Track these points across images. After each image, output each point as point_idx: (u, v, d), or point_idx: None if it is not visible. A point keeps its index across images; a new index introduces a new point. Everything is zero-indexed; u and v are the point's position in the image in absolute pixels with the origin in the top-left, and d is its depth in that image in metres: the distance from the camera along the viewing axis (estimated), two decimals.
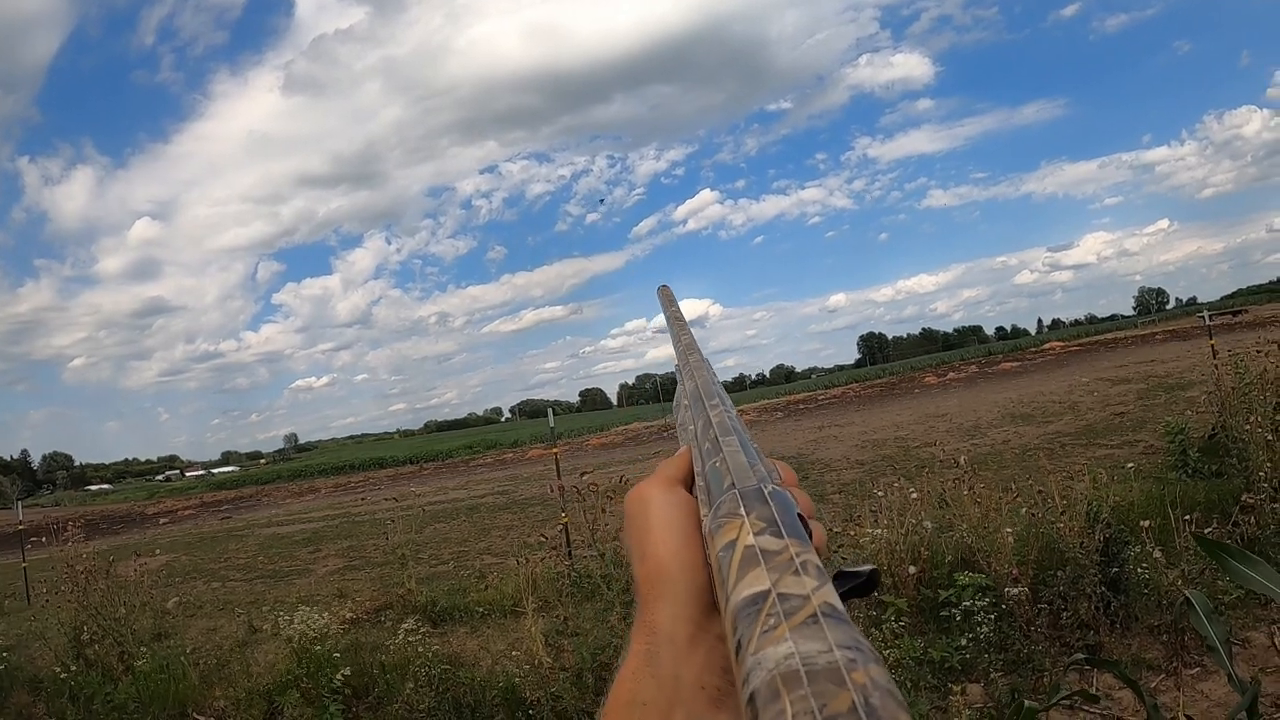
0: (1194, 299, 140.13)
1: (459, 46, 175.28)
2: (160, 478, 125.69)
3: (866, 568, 0.59)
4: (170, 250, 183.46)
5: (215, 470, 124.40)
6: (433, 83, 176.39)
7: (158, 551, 14.52)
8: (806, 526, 0.53)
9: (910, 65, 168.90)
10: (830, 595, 0.45)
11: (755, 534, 0.51)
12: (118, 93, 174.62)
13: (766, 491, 0.55)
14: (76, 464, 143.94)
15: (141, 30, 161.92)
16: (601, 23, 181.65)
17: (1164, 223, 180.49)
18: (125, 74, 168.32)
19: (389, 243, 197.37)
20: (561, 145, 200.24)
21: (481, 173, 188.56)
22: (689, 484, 0.71)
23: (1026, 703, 2.75)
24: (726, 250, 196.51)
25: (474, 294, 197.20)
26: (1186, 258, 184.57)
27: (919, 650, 5.75)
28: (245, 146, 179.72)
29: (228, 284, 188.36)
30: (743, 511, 0.54)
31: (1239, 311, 51.86)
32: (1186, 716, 2.58)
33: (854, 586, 0.59)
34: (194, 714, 7.23)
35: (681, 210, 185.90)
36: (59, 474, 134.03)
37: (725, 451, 0.64)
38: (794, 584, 0.46)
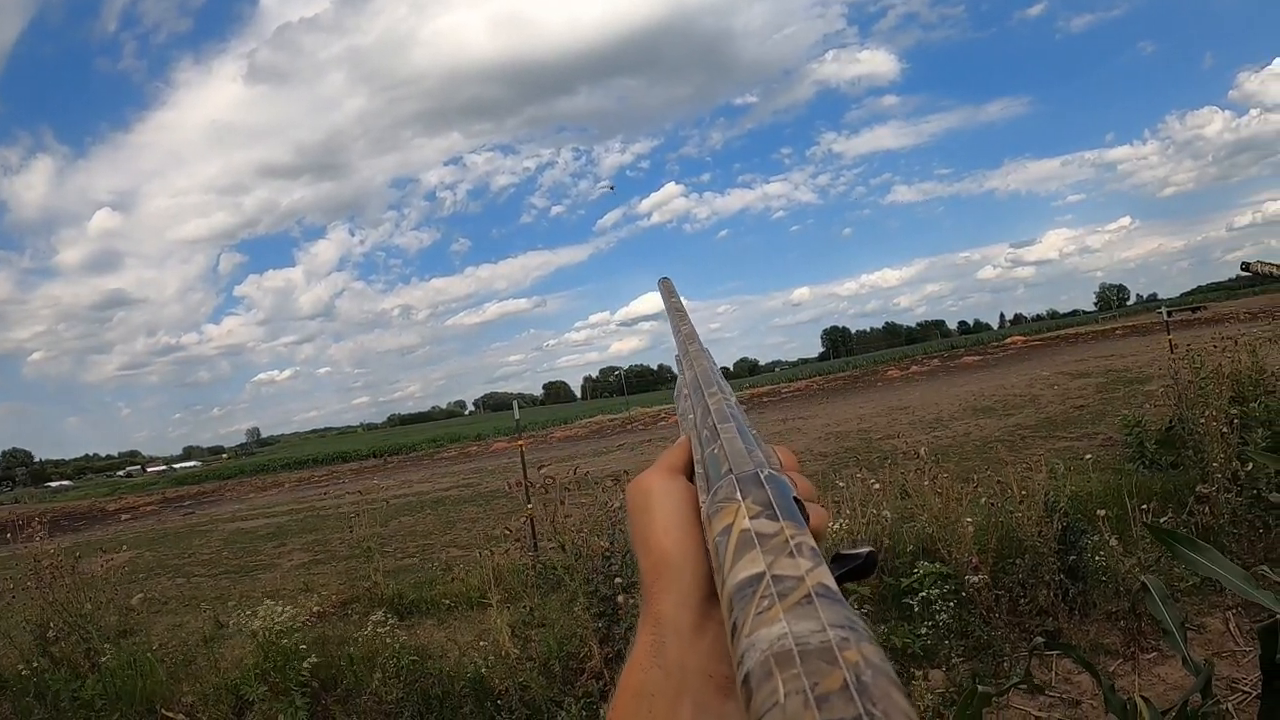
0: (1154, 295, 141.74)
1: (424, 37, 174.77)
2: (121, 474, 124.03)
3: (864, 549, 0.60)
4: (131, 241, 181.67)
5: (177, 465, 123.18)
6: (397, 73, 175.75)
7: (123, 547, 14.37)
8: (803, 510, 0.54)
9: (876, 62, 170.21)
10: (824, 576, 0.45)
11: (751, 518, 0.52)
12: (79, 81, 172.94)
13: (763, 476, 0.56)
14: (36, 460, 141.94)
15: (105, 16, 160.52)
16: (568, 14, 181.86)
17: (1125, 220, 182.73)
18: (87, 61, 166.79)
19: (352, 234, 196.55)
20: (526, 137, 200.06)
21: (446, 164, 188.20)
22: (689, 473, 0.71)
23: (980, 688, 2.80)
24: (691, 243, 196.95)
25: (438, 286, 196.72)
26: (1147, 255, 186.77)
27: (881, 637, 5.82)
28: (207, 136, 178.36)
29: (189, 276, 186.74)
30: (739, 496, 0.55)
31: (1198, 308, 52.36)
32: (1143, 698, 2.65)
33: (852, 568, 0.59)
34: (162, 710, 7.19)
35: (646, 203, 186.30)
36: (18, 471, 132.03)
37: (723, 438, 0.64)
38: (788, 566, 0.46)
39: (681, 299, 1.10)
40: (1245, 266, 2.89)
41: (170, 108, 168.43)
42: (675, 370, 0.94)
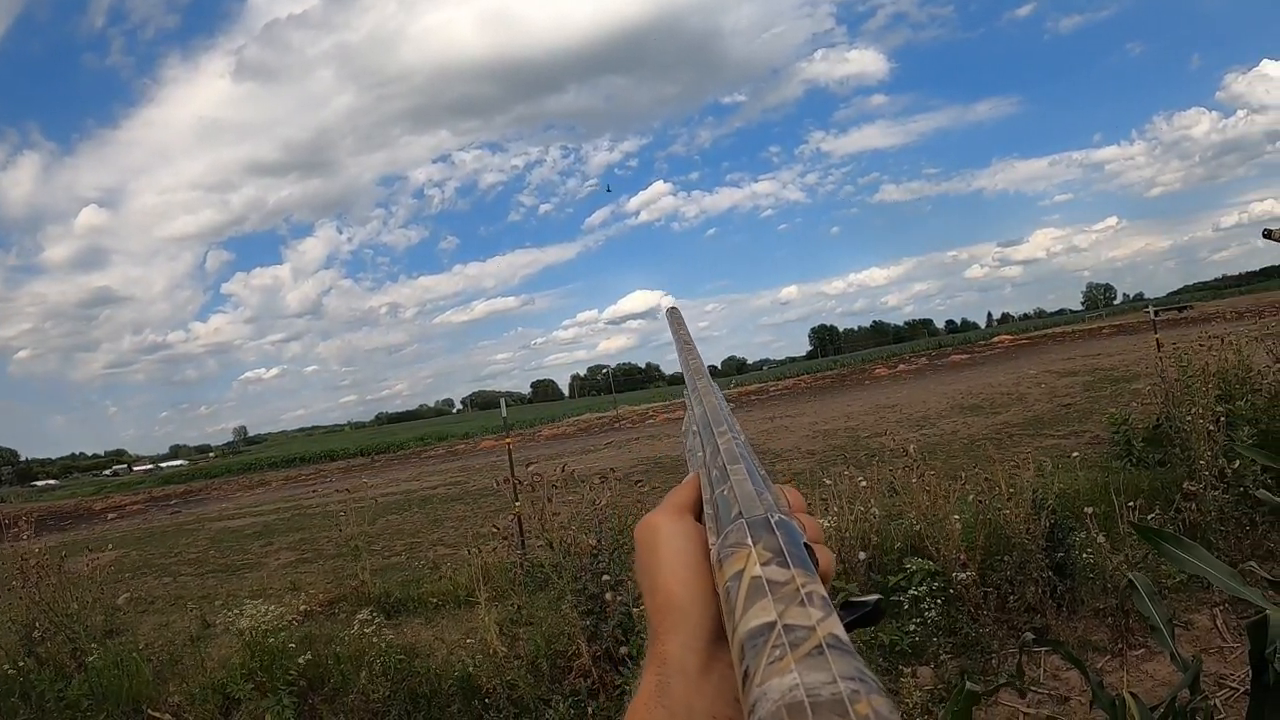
0: (1141, 295, 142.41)
1: (413, 34, 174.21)
2: (108, 473, 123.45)
3: (872, 598, 0.62)
4: (118, 239, 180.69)
5: (164, 464, 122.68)
6: (386, 70, 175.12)
7: (109, 546, 14.30)
8: (813, 555, 0.55)
9: (865, 61, 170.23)
10: (835, 626, 0.46)
11: (762, 564, 0.52)
12: (66, 77, 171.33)
13: (773, 521, 0.56)
14: (22, 459, 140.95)
15: (92, 13, 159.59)
16: (556, 12, 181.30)
17: (1113, 220, 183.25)
18: (74, 57, 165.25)
19: (340, 232, 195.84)
20: (515, 135, 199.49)
21: (434, 162, 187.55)
22: (698, 512, 0.71)
23: (969, 686, 2.80)
24: (679, 242, 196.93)
25: (425, 284, 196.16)
26: (1134, 254, 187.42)
27: (869, 634, 5.83)
28: (195, 133, 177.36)
29: (176, 274, 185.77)
30: (749, 541, 0.55)
31: (1185, 307, 52.51)
32: (1131, 694, 2.65)
33: (860, 616, 0.61)
34: (148, 710, 7.16)
35: (634, 202, 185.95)
36: (4, 470, 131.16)
37: (733, 480, 0.64)
38: (799, 615, 0.47)
39: (689, 329, 1.08)
40: (1268, 234, 2.88)
41: (158, 105, 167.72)
42: (686, 403, 0.93)
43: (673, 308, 1.17)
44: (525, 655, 6.45)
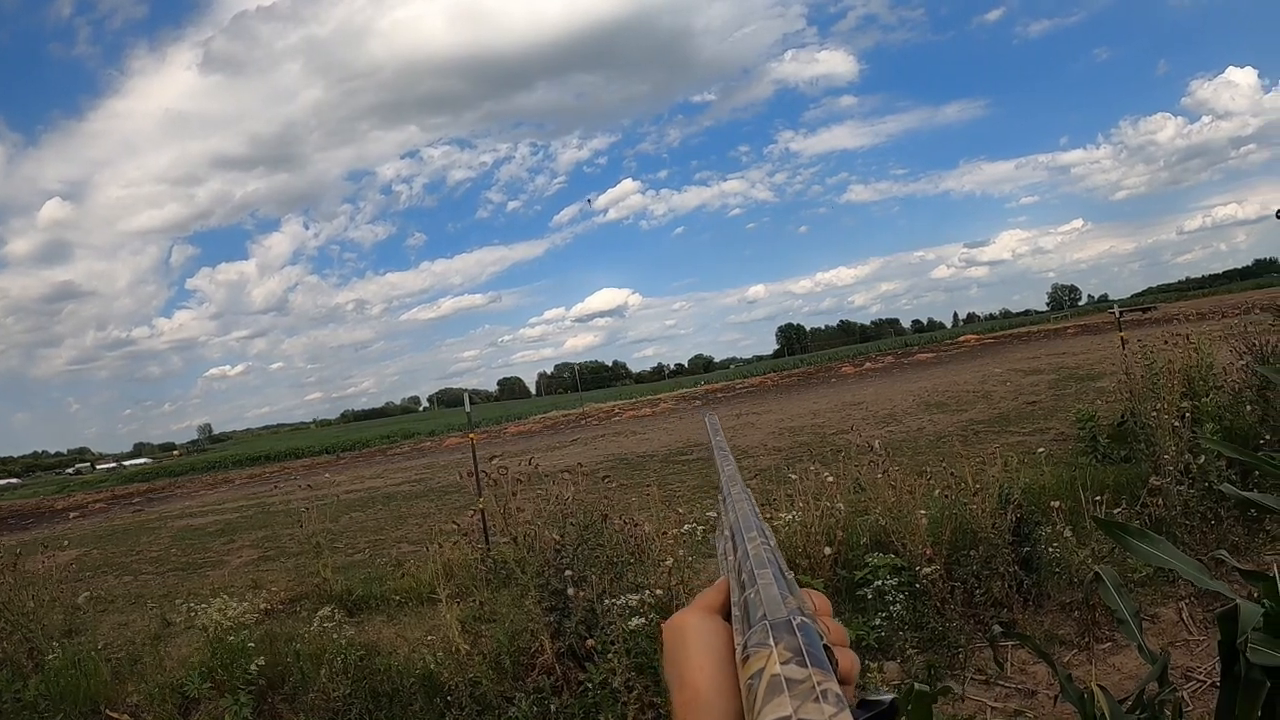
0: (1105, 296, 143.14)
1: (382, 28, 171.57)
2: (71, 471, 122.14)
3: (888, 696, 0.64)
4: (81, 232, 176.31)
5: (127, 462, 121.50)
6: (354, 64, 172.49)
7: (65, 544, 14.16)
8: (832, 657, 0.58)
9: (835, 62, 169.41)
10: None
11: (781, 663, 0.54)
12: (31, 67, 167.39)
13: (795, 623, 0.59)
14: None
15: (59, 1, 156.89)
16: (528, 9, 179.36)
17: (1078, 222, 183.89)
18: (40, 47, 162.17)
19: (307, 227, 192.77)
20: (484, 132, 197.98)
21: (402, 157, 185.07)
22: (725, 612, 0.73)
23: (917, 686, 2.79)
24: (647, 240, 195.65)
25: (392, 281, 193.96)
26: (1099, 256, 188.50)
27: None
28: (161, 125, 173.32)
29: (140, 268, 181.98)
30: (771, 642, 0.57)
31: (1149, 308, 53.09)
32: (1100, 687, 2.63)
33: (875, 714, 0.63)
34: (106, 710, 7.07)
35: (603, 199, 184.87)
36: None
37: (760, 583, 0.66)
38: (814, 711, 0.49)
39: (723, 436, 1.16)
40: None
41: (124, 96, 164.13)
42: (718, 508, 0.98)
43: (711, 414, 1.29)
44: (488, 652, 6.41)
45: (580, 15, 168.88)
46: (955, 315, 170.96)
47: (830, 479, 7.86)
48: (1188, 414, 7.73)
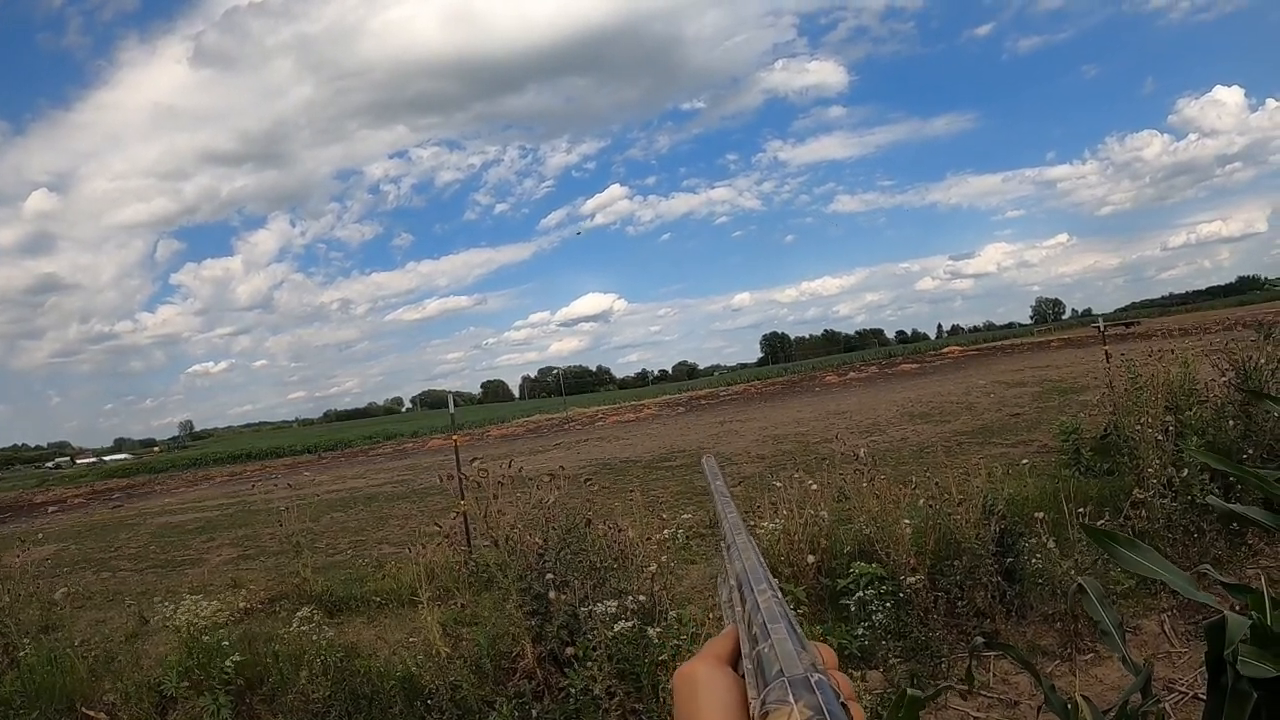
0: (1089, 310, 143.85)
1: (374, 28, 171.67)
2: (50, 465, 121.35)
3: None
4: (66, 225, 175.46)
5: (107, 458, 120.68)
6: (345, 63, 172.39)
7: (40, 536, 14.06)
8: (849, 714, 0.58)
9: (825, 72, 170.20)
10: None
11: None
12: (21, 56, 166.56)
13: (813, 680, 0.59)
14: None
15: None
16: (519, 12, 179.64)
17: (1063, 237, 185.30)
18: (29, 36, 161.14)
19: (293, 225, 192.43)
20: (473, 133, 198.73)
21: (391, 157, 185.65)
22: (734, 662, 0.74)
23: (910, 691, 2.77)
24: (633, 246, 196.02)
25: (378, 281, 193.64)
26: (1084, 271, 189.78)
27: (818, 637, 5.80)
28: (150, 119, 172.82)
29: (125, 262, 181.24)
30: (791, 699, 0.58)
31: (1132, 323, 53.55)
32: (1083, 697, 2.63)
33: None
34: (82, 708, 7.01)
35: (590, 204, 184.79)
36: None
37: (774, 638, 0.67)
38: None
39: (725, 480, 1.15)
40: None
41: (113, 87, 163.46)
42: (723, 557, 0.98)
43: (710, 456, 1.28)
44: (469, 656, 6.37)
45: (572, 20, 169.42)
46: (940, 327, 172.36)
47: (814, 487, 7.86)
48: (1171, 428, 7.77)
